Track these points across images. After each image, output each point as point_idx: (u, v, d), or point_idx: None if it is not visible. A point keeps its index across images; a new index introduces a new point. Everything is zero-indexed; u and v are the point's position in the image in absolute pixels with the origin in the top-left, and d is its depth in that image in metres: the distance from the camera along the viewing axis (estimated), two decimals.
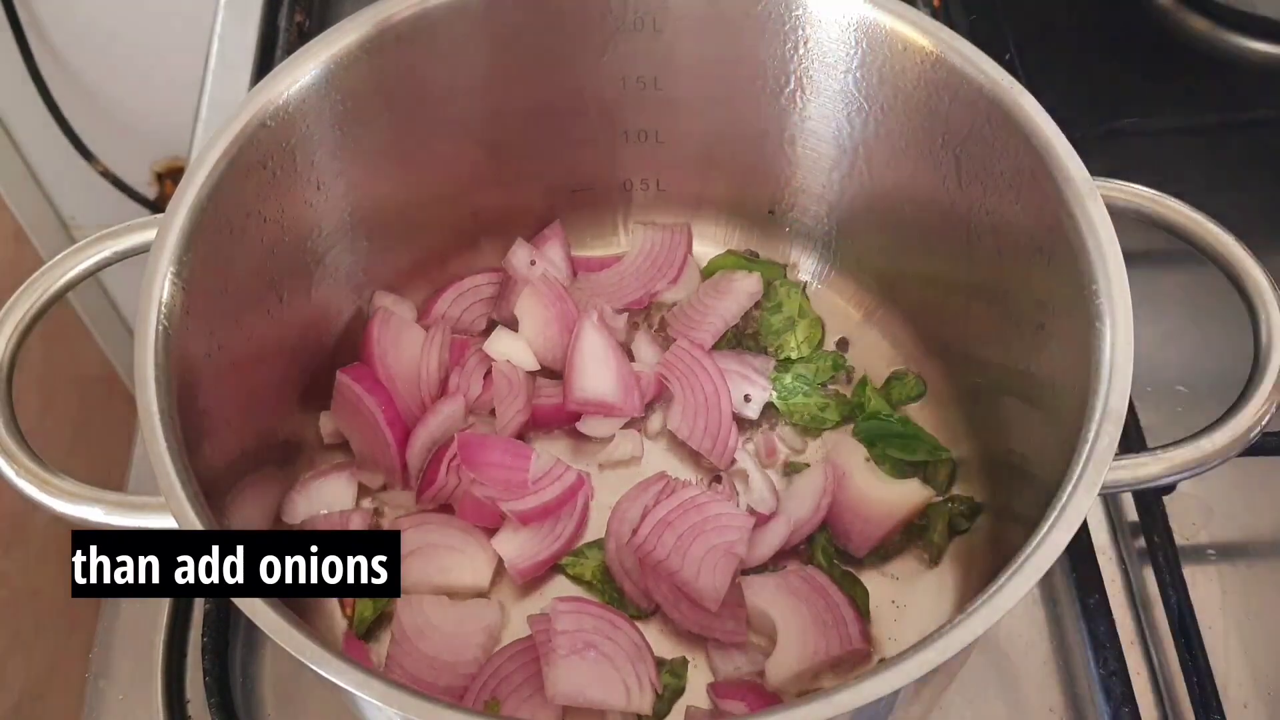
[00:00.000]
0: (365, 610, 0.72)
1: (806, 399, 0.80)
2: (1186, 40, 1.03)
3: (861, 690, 0.49)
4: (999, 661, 0.71)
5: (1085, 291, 0.60)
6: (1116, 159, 0.71)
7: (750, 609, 0.71)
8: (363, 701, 0.51)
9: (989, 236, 0.71)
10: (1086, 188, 0.62)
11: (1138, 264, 0.62)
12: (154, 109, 1.50)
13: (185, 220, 0.63)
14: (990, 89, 0.67)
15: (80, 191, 1.58)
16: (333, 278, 0.77)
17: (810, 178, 0.82)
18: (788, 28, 0.74)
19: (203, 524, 0.55)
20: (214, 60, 1.04)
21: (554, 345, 0.81)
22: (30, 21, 1.39)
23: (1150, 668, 0.71)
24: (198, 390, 0.62)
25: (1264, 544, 0.76)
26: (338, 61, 0.70)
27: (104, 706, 0.71)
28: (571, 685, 0.66)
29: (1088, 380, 0.58)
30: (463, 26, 0.73)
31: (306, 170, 0.71)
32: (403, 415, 0.77)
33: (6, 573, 1.31)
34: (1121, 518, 0.77)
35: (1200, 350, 0.84)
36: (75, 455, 1.50)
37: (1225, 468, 0.58)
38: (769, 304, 0.84)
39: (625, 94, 0.80)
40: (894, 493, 0.74)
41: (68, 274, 0.65)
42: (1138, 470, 0.58)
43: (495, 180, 0.83)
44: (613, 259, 0.87)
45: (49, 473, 0.59)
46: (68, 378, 1.57)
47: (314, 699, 0.71)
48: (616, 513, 0.75)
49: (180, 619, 0.73)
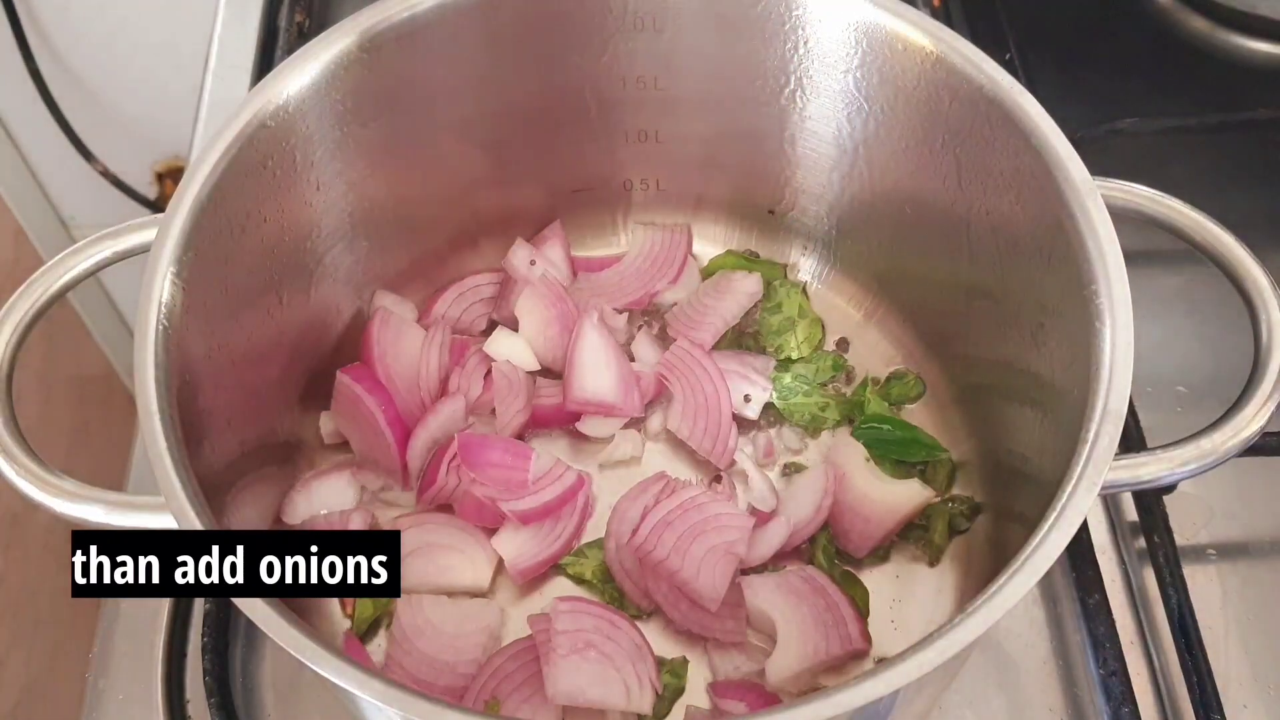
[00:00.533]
0: (365, 610, 0.72)
1: (806, 399, 0.80)
2: (1186, 40, 1.03)
3: (861, 690, 0.49)
4: (999, 661, 0.71)
5: (1085, 291, 0.60)
6: (1116, 159, 0.71)
7: (750, 609, 0.71)
8: (363, 701, 0.51)
9: (989, 236, 0.71)
10: (1086, 188, 0.62)
11: (1138, 264, 0.62)
12: (154, 109, 1.50)
13: (185, 220, 0.63)
14: (990, 89, 0.67)
15: (80, 191, 1.58)
16: (332, 278, 0.77)
17: (810, 178, 0.82)
18: (788, 28, 0.74)
19: (203, 524, 0.54)
20: (214, 60, 1.03)
21: (554, 345, 0.81)
22: (30, 21, 1.39)
23: (1150, 668, 0.71)
24: (198, 390, 0.62)
25: (1264, 544, 0.76)
26: (338, 61, 0.70)
27: (104, 706, 0.71)
28: (571, 685, 0.66)
29: (1088, 380, 0.58)
30: (463, 26, 0.73)
31: (306, 170, 0.71)
32: (403, 415, 0.77)
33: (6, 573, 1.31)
34: (1121, 518, 0.77)
35: (1200, 350, 0.84)
36: (75, 455, 1.50)
37: (1225, 468, 0.58)
38: (769, 304, 0.84)
39: (625, 94, 0.80)
40: (894, 493, 0.74)
41: (68, 274, 0.65)
42: (1138, 470, 0.58)
43: (495, 180, 0.83)
44: (613, 259, 0.87)
45: (49, 473, 0.59)
46: (68, 378, 1.57)
47: (314, 699, 0.71)
48: (616, 513, 0.75)
49: (180, 619, 0.73)
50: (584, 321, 0.80)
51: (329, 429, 0.79)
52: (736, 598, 0.71)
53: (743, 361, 0.81)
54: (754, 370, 0.81)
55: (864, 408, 0.79)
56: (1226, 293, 0.63)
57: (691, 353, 0.80)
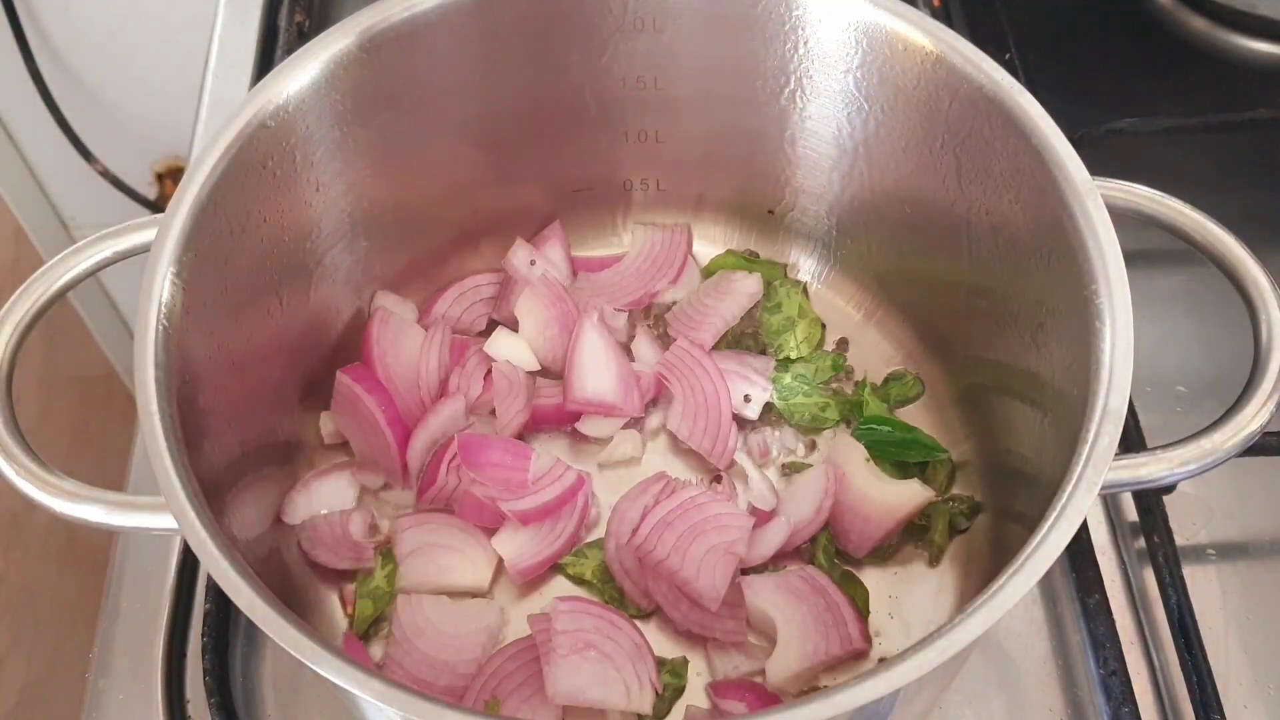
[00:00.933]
0: (365, 610, 0.72)
1: (806, 399, 0.80)
2: (1186, 40, 1.03)
3: (861, 690, 0.49)
4: (999, 661, 0.71)
5: (1085, 291, 0.60)
6: (1116, 159, 0.72)
7: (750, 609, 0.70)
8: (362, 701, 0.51)
9: (989, 236, 0.71)
10: (1086, 188, 0.63)
11: (1138, 264, 0.62)
12: (154, 109, 1.50)
13: (185, 220, 0.63)
14: (990, 89, 0.67)
15: (80, 191, 1.58)
16: (332, 278, 0.77)
17: (810, 178, 0.82)
18: (788, 28, 0.74)
19: (203, 524, 0.55)
20: (214, 60, 1.03)
21: (554, 345, 0.81)
22: (30, 21, 1.39)
23: (1150, 668, 0.71)
24: (198, 390, 0.62)
25: (1264, 544, 0.76)
26: (338, 61, 0.70)
27: (104, 706, 0.71)
28: (571, 685, 0.66)
29: (1088, 380, 0.58)
30: (463, 26, 0.73)
31: (306, 170, 0.71)
32: (403, 415, 0.77)
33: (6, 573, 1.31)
34: (1121, 518, 0.77)
35: (1200, 350, 0.84)
36: (75, 455, 1.50)
37: (1225, 468, 0.58)
38: (769, 304, 0.84)
39: (625, 94, 0.80)
40: (894, 493, 0.74)
41: (68, 274, 0.65)
42: (1138, 470, 0.58)
43: (495, 180, 0.83)
44: (613, 259, 0.87)
45: (49, 473, 0.59)
46: (68, 378, 1.57)
47: (314, 699, 0.71)
48: (616, 513, 0.75)
49: (180, 619, 0.73)
50: (584, 321, 0.80)
51: (329, 429, 0.79)
52: (736, 598, 0.71)
53: (743, 361, 0.81)
54: (754, 370, 0.81)
55: (863, 409, 0.79)
56: (1226, 293, 0.63)
57: (691, 353, 0.80)
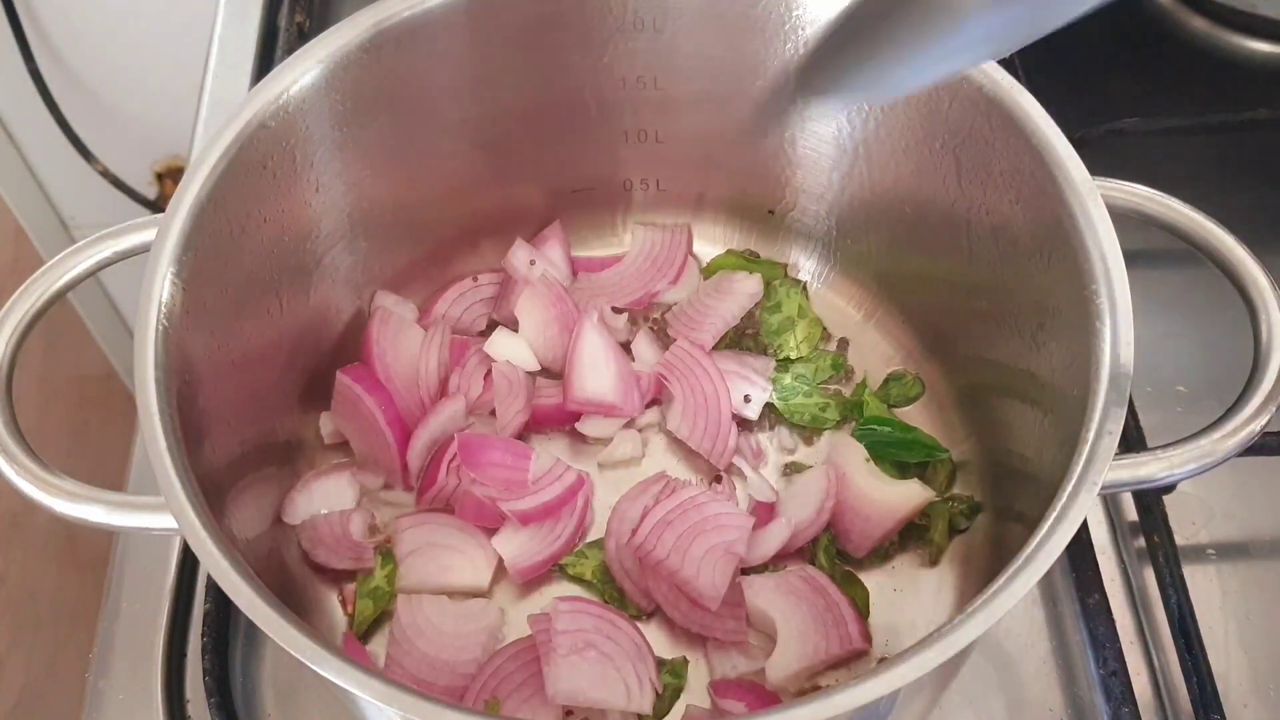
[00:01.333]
0: (365, 610, 0.72)
1: (806, 399, 0.80)
2: (1186, 40, 1.03)
3: (861, 690, 0.49)
4: (999, 661, 0.71)
5: (1085, 291, 0.60)
6: (1116, 159, 0.71)
7: (750, 609, 0.70)
8: (362, 701, 0.51)
9: (989, 236, 0.71)
10: (1086, 188, 0.63)
11: (1138, 264, 0.62)
12: (154, 109, 1.50)
13: (185, 220, 0.63)
14: (990, 89, 0.67)
15: (80, 191, 1.58)
16: (332, 278, 0.77)
17: (810, 178, 0.82)
18: (788, 28, 0.74)
19: (203, 524, 0.55)
20: (214, 60, 1.03)
21: (554, 345, 0.81)
22: (30, 21, 1.39)
23: (1150, 668, 0.71)
24: (198, 390, 0.62)
25: (1264, 544, 0.76)
26: (338, 61, 0.70)
27: (104, 706, 0.71)
28: (571, 685, 0.66)
29: (1088, 380, 0.58)
30: (463, 26, 0.73)
31: (306, 170, 0.71)
32: (403, 415, 0.77)
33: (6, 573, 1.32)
34: (1121, 518, 0.77)
35: (1200, 350, 0.84)
36: (75, 455, 1.50)
37: (1225, 468, 0.58)
38: (769, 304, 0.84)
39: (625, 94, 0.80)
40: (894, 493, 0.74)
41: (68, 274, 0.65)
42: (1138, 470, 0.58)
43: (495, 180, 0.83)
44: (613, 259, 0.87)
45: (49, 473, 0.59)
46: (68, 378, 1.57)
47: (314, 699, 0.71)
48: (616, 513, 0.75)
49: (180, 619, 0.73)
50: (584, 321, 0.80)
51: (329, 429, 0.79)
52: (736, 598, 0.71)
53: (742, 362, 0.81)
54: (754, 370, 0.81)
55: (863, 409, 0.79)
56: (1226, 293, 0.63)
57: (691, 353, 0.80)
